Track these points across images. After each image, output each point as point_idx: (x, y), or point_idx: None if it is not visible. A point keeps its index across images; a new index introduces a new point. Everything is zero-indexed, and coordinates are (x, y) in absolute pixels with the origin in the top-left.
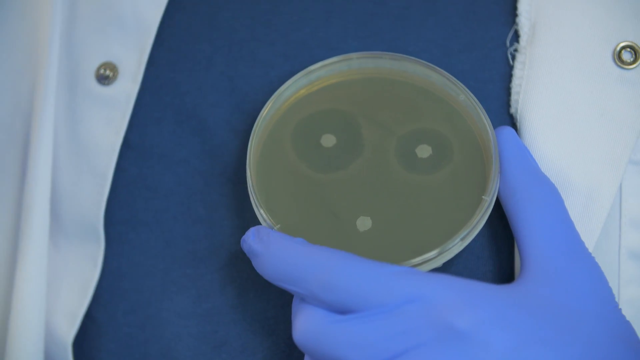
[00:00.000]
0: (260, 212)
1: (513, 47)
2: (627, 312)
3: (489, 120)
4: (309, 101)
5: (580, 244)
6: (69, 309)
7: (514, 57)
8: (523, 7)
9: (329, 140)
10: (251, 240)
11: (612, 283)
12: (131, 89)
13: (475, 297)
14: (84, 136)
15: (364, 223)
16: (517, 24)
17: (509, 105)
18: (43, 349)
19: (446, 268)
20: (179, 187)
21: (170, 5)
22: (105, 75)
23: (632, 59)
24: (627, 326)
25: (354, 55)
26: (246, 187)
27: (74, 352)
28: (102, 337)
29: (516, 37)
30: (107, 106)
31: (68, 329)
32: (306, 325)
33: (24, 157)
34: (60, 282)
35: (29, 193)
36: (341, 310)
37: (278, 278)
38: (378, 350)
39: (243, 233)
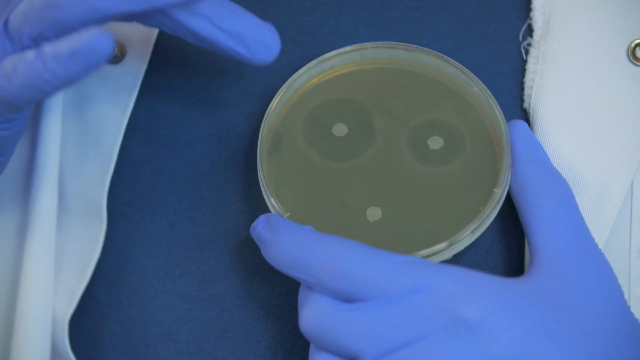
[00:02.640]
0: (270, 200)
1: (526, 42)
2: (637, 309)
3: (501, 113)
4: (322, 90)
5: (591, 239)
6: (68, 287)
7: (527, 52)
8: (537, 2)
9: (340, 130)
10: (260, 227)
11: (622, 281)
12: (139, 69)
13: (484, 288)
14: (90, 113)
15: (374, 213)
16: (530, 19)
17: (520, 99)
18: (51, 328)
19: (455, 261)
20: (184, 170)
21: None
22: (114, 54)
23: None
24: (635, 323)
25: (367, 44)
26: (253, 172)
27: (76, 332)
28: (106, 318)
29: (529, 31)
30: (115, 84)
31: (66, 307)
32: (313, 313)
33: (33, 134)
34: (61, 261)
35: (38, 171)
36: (349, 298)
37: (286, 265)
38: (385, 340)
39: (249, 219)
